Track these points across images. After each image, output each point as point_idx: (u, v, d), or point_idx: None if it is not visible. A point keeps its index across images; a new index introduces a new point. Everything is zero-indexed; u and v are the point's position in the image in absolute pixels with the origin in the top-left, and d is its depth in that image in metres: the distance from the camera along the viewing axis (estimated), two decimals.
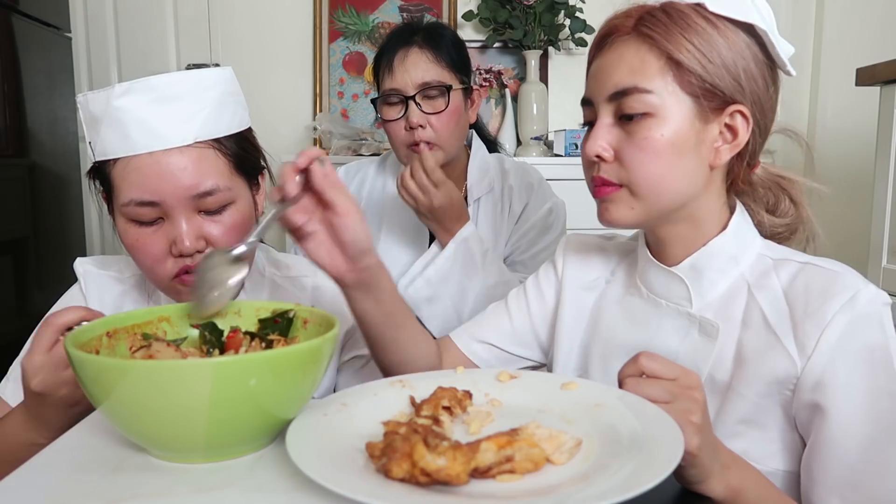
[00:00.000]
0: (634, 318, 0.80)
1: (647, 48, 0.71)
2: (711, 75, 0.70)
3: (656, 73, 0.70)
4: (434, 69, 1.28)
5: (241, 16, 2.78)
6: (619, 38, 0.74)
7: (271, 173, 0.97)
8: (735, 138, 0.73)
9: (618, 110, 0.73)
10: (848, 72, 1.86)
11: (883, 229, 1.63)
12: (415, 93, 1.27)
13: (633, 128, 0.71)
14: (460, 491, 0.48)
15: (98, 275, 0.96)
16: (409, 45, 1.28)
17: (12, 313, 1.96)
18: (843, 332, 0.66)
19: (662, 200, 0.72)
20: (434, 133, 1.28)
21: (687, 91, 0.70)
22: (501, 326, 0.91)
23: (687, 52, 0.69)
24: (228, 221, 0.84)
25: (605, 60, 0.74)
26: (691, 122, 0.71)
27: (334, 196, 0.69)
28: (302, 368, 0.56)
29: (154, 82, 0.79)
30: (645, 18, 0.72)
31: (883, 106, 1.64)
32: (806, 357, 0.67)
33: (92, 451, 0.59)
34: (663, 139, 0.70)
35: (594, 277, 0.87)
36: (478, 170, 1.40)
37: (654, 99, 0.70)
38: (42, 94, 2.10)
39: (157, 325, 0.70)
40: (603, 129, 0.74)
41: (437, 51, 1.29)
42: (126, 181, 0.80)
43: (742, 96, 0.71)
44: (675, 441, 0.52)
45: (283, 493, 0.51)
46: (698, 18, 0.70)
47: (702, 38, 0.70)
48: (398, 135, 1.30)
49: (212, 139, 0.83)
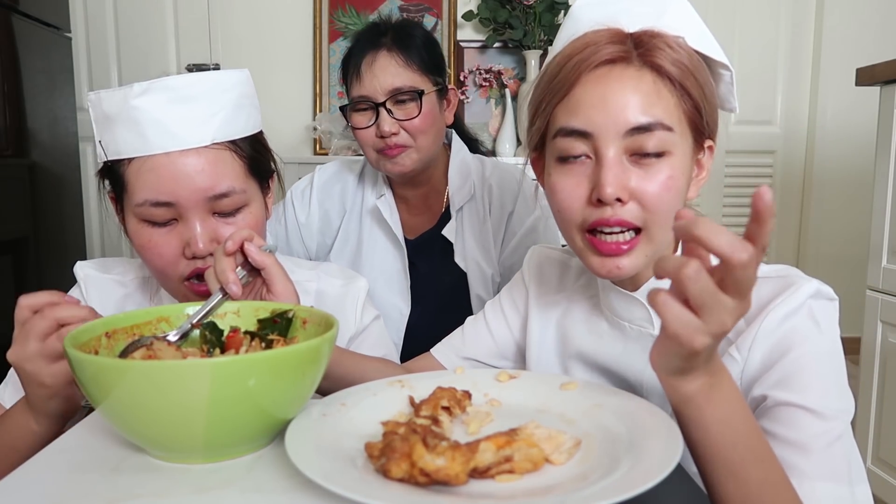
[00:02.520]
0: (602, 340, 0.79)
1: (661, 81, 0.67)
2: (706, 110, 0.69)
3: (673, 109, 0.67)
4: (404, 73, 1.21)
5: (241, 16, 2.78)
6: (622, 66, 0.67)
7: (280, 176, 0.96)
8: (700, 173, 0.72)
9: (631, 147, 0.66)
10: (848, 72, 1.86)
11: (883, 229, 1.63)
12: (385, 99, 1.20)
13: (649, 165, 0.66)
14: (459, 491, 0.48)
15: (99, 279, 0.96)
16: (377, 49, 1.21)
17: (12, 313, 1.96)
18: (778, 323, 0.66)
19: (665, 242, 0.69)
20: (407, 137, 1.22)
21: (690, 127, 0.69)
22: (483, 341, 0.91)
23: (698, 88, 0.68)
24: (243, 224, 0.84)
25: (610, 90, 0.66)
26: (690, 160, 0.70)
27: (272, 273, 0.74)
28: (301, 368, 0.56)
29: (172, 83, 0.79)
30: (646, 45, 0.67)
31: (883, 106, 1.64)
32: (745, 352, 0.67)
33: (91, 452, 0.59)
34: (679, 179, 0.68)
35: (557, 293, 0.87)
36: (458, 175, 1.34)
37: (674, 137, 0.67)
38: (42, 94, 2.10)
39: (156, 325, 0.70)
40: (617, 168, 0.66)
41: (408, 53, 1.22)
42: (141, 181, 0.80)
43: (713, 131, 0.71)
44: (673, 441, 0.52)
45: (282, 493, 0.51)
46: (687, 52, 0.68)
47: (701, 74, 0.69)
48: (369, 141, 1.24)
49: (228, 141, 0.83)
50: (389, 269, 1.36)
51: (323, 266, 1.03)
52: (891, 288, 1.62)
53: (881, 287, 1.65)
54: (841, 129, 2.89)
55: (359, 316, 0.98)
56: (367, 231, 1.37)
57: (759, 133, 2.96)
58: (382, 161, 1.25)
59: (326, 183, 1.41)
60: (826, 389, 0.64)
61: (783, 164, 3.00)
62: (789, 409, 0.64)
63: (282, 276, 0.75)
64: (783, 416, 0.64)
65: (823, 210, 2.94)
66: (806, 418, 0.63)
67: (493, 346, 0.91)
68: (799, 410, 0.63)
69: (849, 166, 2.88)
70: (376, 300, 1.33)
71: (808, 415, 0.63)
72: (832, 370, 0.66)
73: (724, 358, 0.68)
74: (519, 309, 0.91)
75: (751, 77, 2.86)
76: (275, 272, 0.74)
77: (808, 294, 0.67)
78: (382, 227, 1.36)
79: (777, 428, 0.64)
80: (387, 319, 1.33)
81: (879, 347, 1.67)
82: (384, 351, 0.99)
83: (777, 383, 0.65)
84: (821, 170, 2.93)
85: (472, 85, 2.74)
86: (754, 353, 0.67)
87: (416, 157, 1.24)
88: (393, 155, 1.23)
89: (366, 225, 1.38)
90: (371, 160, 1.28)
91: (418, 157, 1.25)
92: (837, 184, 2.92)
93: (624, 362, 0.76)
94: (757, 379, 0.67)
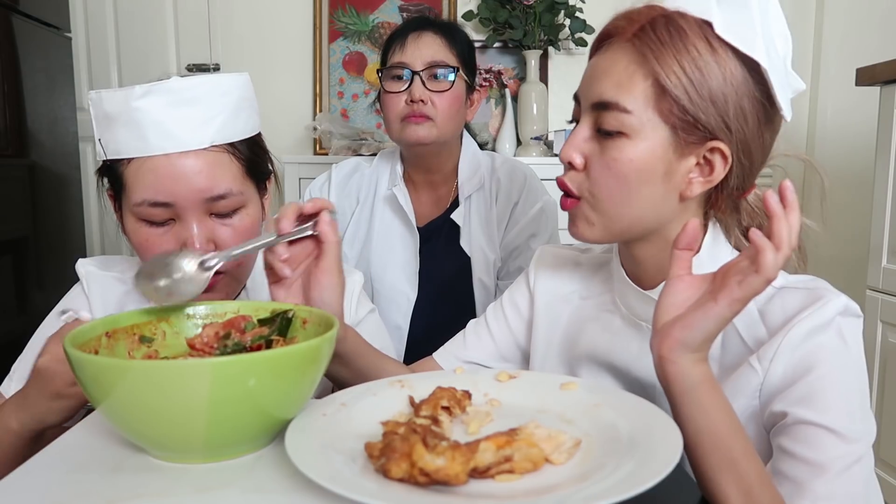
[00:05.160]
0: (616, 338, 0.78)
1: (636, 63, 0.67)
2: (696, 107, 0.66)
3: (640, 94, 0.67)
4: (445, 52, 1.32)
5: (241, 16, 2.78)
6: (617, 42, 0.70)
7: (277, 178, 0.97)
8: (711, 173, 0.69)
9: (596, 121, 0.70)
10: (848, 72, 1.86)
11: (883, 229, 1.63)
12: (422, 69, 1.30)
13: (606, 143, 0.69)
14: (459, 491, 0.48)
15: (101, 276, 0.97)
16: (424, 29, 1.33)
17: (12, 313, 1.96)
18: (803, 338, 0.65)
19: (621, 221, 0.71)
20: (434, 110, 1.30)
21: (665, 121, 0.67)
22: (485, 344, 0.91)
23: (675, 79, 0.65)
24: (239, 225, 0.85)
25: (598, 63, 0.71)
26: (664, 151, 0.68)
27: (328, 249, 0.74)
28: (301, 368, 0.56)
29: (173, 85, 0.80)
30: (646, 29, 0.68)
31: (883, 106, 1.64)
32: (767, 364, 0.66)
33: (91, 451, 0.59)
34: (631, 164, 0.68)
35: (568, 291, 0.86)
36: (469, 166, 1.41)
37: (632, 120, 0.67)
38: (42, 94, 2.10)
39: (157, 325, 0.70)
40: (580, 136, 0.72)
41: (451, 40, 1.33)
42: (139, 181, 0.81)
43: (725, 134, 0.67)
44: (673, 441, 0.52)
45: (282, 493, 0.51)
46: (699, 40, 0.66)
47: (696, 67, 0.65)
48: (396, 107, 1.31)
49: (227, 143, 0.84)
50: (401, 255, 1.40)
51: None
52: (891, 288, 1.62)
53: (881, 287, 1.65)
54: (841, 129, 2.89)
55: (354, 309, 0.99)
56: (378, 218, 1.42)
57: None
58: (404, 128, 1.32)
59: (343, 179, 1.47)
60: (850, 410, 0.63)
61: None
62: (810, 428, 0.62)
63: (335, 256, 0.75)
64: (803, 435, 0.63)
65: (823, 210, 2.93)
66: (827, 439, 0.62)
67: (494, 349, 0.91)
68: (820, 430, 0.62)
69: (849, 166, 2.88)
70: (384, 287, 1.39)
71: (829, 435, 0.62)
72: (857, 391, 0.65)
73: (744, 368, 0.68)
74: (521, 311, 0.91)
75: None
76: (331, 249, 0.74)
77: (836, 310, 0.65)
78: (398, 213, 1.41)
79: (796, 447, 0.63)
80: (392, 305, 1.39)
81: (879, 347, 1.67)
82: (380, 344, 1.00)
83: (799, 400, 0.64)
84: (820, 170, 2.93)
85: None
86: (776, 366, 0.65)
87: (436, 132, 1.31)
88: (416, 122, 1.30)
89: (378, 213, 1.42)
90: (393, 130, 1.35)
91: (437, 134, 1.32)
92: (837, 184, 2.92)
93: (638, 362, 0.76)
94: (778, 393, 0.65)
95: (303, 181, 2.37)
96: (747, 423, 0.67)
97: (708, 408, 0.58)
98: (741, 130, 0.67)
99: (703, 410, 0.58)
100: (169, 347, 0.69)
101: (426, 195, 1.43)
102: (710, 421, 0.58)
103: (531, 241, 1.37)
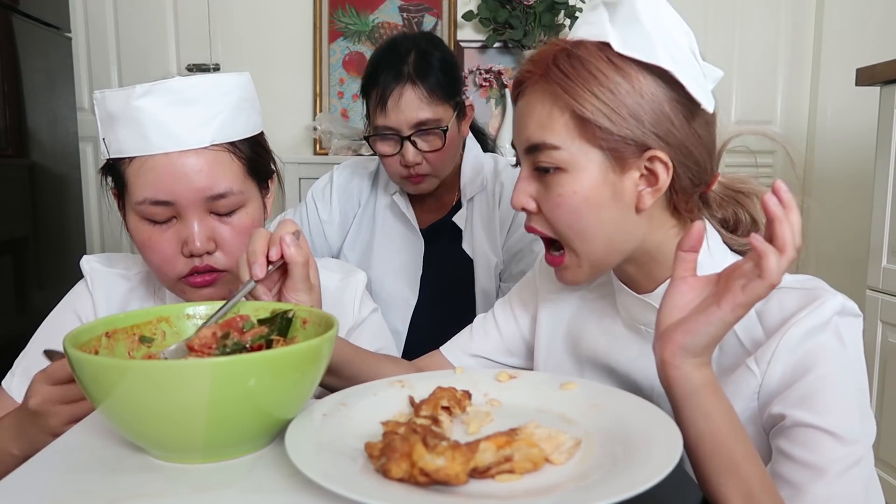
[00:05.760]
0: (616, 341, 0.79)
1: (551, 101, 0.69)
2: (620, 127, 0.66)
3: (562, 129, 0.68)
4: (428, 108, 1.24)
5: (241, 16, 2.78)
6: (530, 86, 0.72)
7: (280, 178, 0.97)
8: (656, 182, 0.69)
9: (533, 163, 0.71)
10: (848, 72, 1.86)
11: (883, 229, 1.63)
12: (410, 133, 1.25)
13: (548, 181, 0.70)
14: (459, 491, 0.48)
15: (105, 273, 0.97)
16: (402, 84, 1.23)
17: (12, 313, 1.97)
18: (801, 339, 0.64)
19: (597, 251, 0.71)
20: (430, 167, 1.28)
21: (595, 146, 0.68)
22: (492, 338, 0.92)
23: (592, 107, 0.66)
24: (239, 224, 0.86)
25: (519, 110, 0.73)
26: (604, 175, 0.68)
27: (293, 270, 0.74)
28: (301, 368, 0.56)
29: (173, 85, 0.80)
30: (552, 67, 0.69)
31: (883, 106, 1.64)
32: (765, 365, 0.66)
33: (91, 451, 0.59)
34: (577, 195, 0.68)
35: (570, 292, 0.87)
36: (471, 169, 1.40)
37: (563, 155, 0.68)
38: (42, 94, 2.10)
39: (157, 325, 0.70)
40: (524, 181, 0.73)
41: (430, 85, 1.24)
42: (141, 180, 0.82)
43: (656, 141, 0.67)
44: (673, 441, 0.52)
45: (282, 493, 0.51)
46: (604, 64, 0.67)
47: (606, 89, 0.66)
48: (393, 167, 1.30)
49: (227, 143, 0.84)
50: (403, 259, 1.40)
51: (322, 262, 1.04)
52: (891, 288, 1.62)
53: (881, 287, 1.65)
54: (841, 129, 2.89)
55: (357, 309, 0.99)
56: (380, 223, 1.42)
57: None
58: (405, 184, 1.33)
59: (346, 181, 1.47)
60: (849, 412, 0.63)
61: (783, 164, 3.00)
62: (809, 431, 0.62)
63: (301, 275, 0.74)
64: (802, 438, 0.62)
65: (823, 210, 2.94)
66: (826, 441, 0.61)
67: (501, 342, 0.91)
68: (819, 433, 0.62)
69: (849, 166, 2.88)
70: (384, 290, 1.39)
71: (828, 438, 0.61)
72: (856, 392, 0.64)
73: (741, 370, 0.67)
74: (528, 307, 0.91)
75: (751, 77, 2.85)
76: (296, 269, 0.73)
77: (834, 310, 0.65)
78: (400, 218, 1.41)
79: (794, 449, 0.63)
80: (392, 308, 1.38)
81: (879, 347, 1.67)
82: (382, 343, 1.00)
83: (797, 402, 0.63)
84: (821, 170, 2.93)
85: (472, 85, 2.74)
86: (774, 368, 0.65)
87: (436, 180, 1.33)
88: (415, 182, 1.30)
89: (380, 217, 1.43)
90: (395, 183, 1.37)
91: (438, 181, 1.33)
92: (837, 184, 2.92)
93: (637, 365, 0.76)
94: (776, 395, 0.65)
95: (303, 181, 2.37)
96: (746, 425, 0.67)
97: (710, 412, 0.58)
98: (671, 134, 0.68)
99: (704, 414, 0.58)
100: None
101: (428, 200, 1.42)
102: (711, 425, 0.58)
103: (534, 245, 1.36)
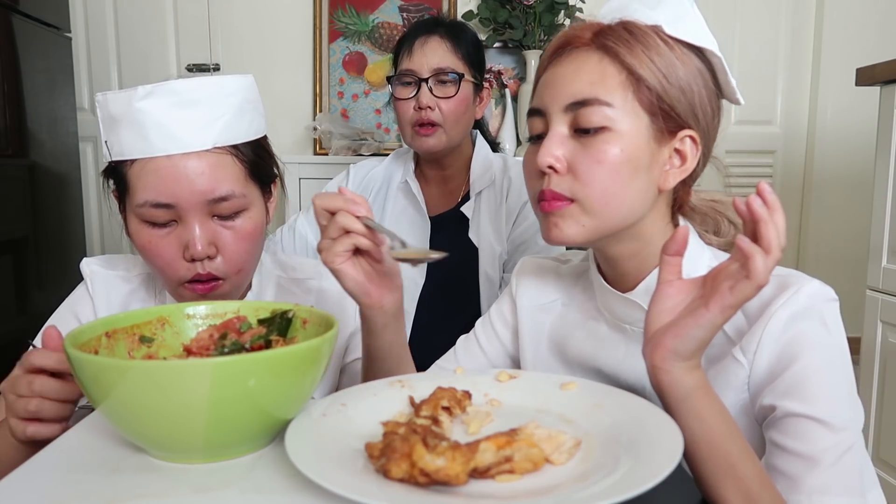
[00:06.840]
0: (603, 344, 0.79)
1: (608, 61, 0.69)
2: (670, 96, 0.69)
3: (617, 87, 0.68)
4: (450, 58, 1.36)
5: (241, 16, 2.78)
6: (577, 48, 0.72)
7: (283, 181, 0.97)
8: (683, 163, 0.71)
9: (574, 122, 0.70)
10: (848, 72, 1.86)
11: (883, 229, 1.63)
12: (428, 76, 1.34)
13: (589, 141, 0.69)
14: (459, 491, 0.48)
15: (105, 275, 0.96)
16: (431, 33, 1.37)
17: (12, 313, 1.97)
18: (784, 327, 0.65)
19: (614, 218, 0.71)
20: (441, 116, 1.35)
21: (645, 108, 0.69)
22: (475, 358, 0.91)
23: (648, 69, 0.68)
24: (241, 228, 0.85)
25: (561, 70, 0.72)
26: (647, 140, 0.69)
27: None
28: (301, 368, 0.56)
29: (176, 86, 0.79)
30: (605, 32, 0.71)
31: (883, 106, 1.64)
32: (751, 356, 0.66)
33: (91, 452, 0.59)
34: (621, 154, 0.68)
35: (550, 300, 0.87)
36: (481, 164, 1.46)
37: (613, 112, 0.68)
38: (42, 94, 2.10)
39: (156, 325, 0.70)
40: (556, 139, 0.70)
41: (457, 43, 1.37)
42: (142, 182, 0.81)
43: (694, 122, 0.70)
44: (673, 441, 0.52)
45: (282, 493, 0.51)
46: (658, 39, 0.69)
47: (662, 58, 0.69)
48: (407, 113, 1.37)
49: (229, 145, 0.83)
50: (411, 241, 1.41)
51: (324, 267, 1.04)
52: (891, 288, 1.62)
53: (881, 287, 1.65)
54: (841, 129, 2.89)
55: (357, 315, 0.98)
56: (391, 205, 1.48)
57: (759, 133, 2.96)
58: (415, 136, 1.38)
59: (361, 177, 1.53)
60: (837, 399, 0.63)
61: (783, 164, 3.00)
62: (800, 421, 0.63)
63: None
64: (793, 429, 0.63)
65: (823, 210, 2.94)
66: (817, 430, 0.62)
67: (485, 360, 0.91)
68: (809, 422, 0.62)
69: (849, 166, 2.88)
70: None
71: (818, 426, 0.62)
72: (842, 378, 0.65)
73: (728, 361, 0.68)
74: (507, 320, 0.91)
75: (751, 77, 2.85)
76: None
77: (809, 294, 0.66)
78: (410, 201, 1.47)
79: (787, 440, 0.63)
80: None
81: (879, 347, 1.67)
82: None
83: (786, 392, 0.64)
84: (821, 170, 2.93)
85: None
86: (761, 358, 0.66)
87: (445, 138, 1.37)
88: (425, 133, 1.36)
89: (391, 201, 1.49)
90: (405, 134, 1.42)
91: (447, 139, 1.38)
92: (837, 184, 2.92)
93: (625, 366, 0.76)
94: (765, 387, 0.66)
95: (303, 181, 2.37)
96: (739, 416, 0.67)
97: (703, 414, 0.58)
98: (705, 118, 0.72)
99: (698, 417, 0.58)
100: (168, 348, 0.69)
101: (438, 189, 1.48)
102: (706, 427, 0.58)
103: (538, 237, 1.40)
